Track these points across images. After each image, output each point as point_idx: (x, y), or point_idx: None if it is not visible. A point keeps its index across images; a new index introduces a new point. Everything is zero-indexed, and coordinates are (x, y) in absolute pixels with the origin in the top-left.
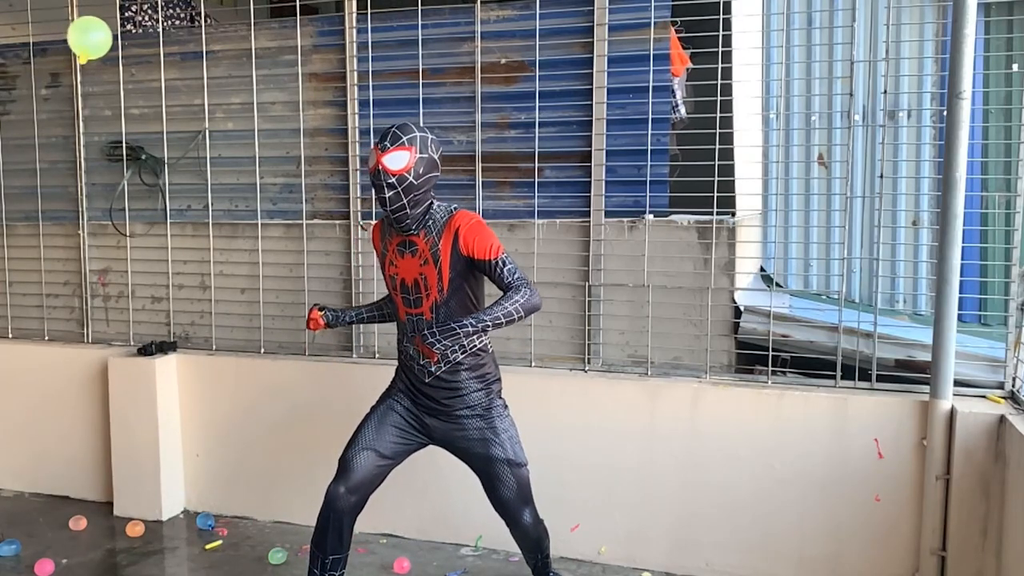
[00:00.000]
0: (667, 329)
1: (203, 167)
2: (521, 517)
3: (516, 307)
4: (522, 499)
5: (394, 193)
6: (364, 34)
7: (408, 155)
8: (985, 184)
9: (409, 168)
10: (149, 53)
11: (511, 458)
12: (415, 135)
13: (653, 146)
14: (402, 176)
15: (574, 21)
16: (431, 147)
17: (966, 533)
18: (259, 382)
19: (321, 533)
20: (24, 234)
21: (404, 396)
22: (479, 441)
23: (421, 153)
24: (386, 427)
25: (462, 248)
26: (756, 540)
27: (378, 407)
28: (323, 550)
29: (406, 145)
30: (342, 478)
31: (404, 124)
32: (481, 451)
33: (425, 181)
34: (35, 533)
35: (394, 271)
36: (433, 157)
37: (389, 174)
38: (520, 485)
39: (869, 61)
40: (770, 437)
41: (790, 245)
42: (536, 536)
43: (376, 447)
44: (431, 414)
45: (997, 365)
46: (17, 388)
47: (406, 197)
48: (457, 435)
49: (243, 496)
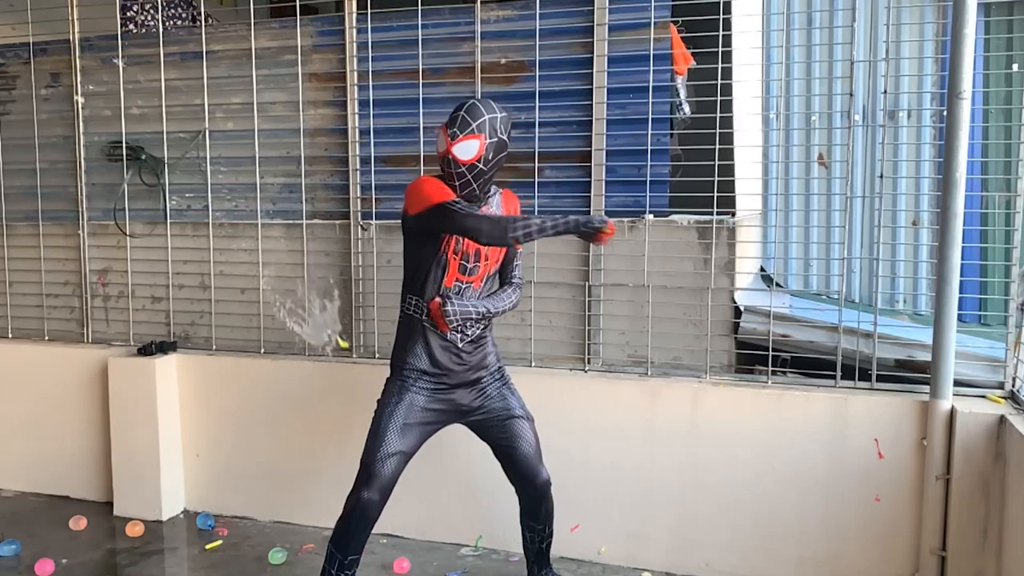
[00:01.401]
0: (667, 329)
1: (203, 167)
2: (539, 473)
3: (511, 304)
4: (539, 455)
5: (464, 181)
6: (364, 34)
7: (478, 143)
8: (985, 184)
9: (479, 156)
10: (149, 53)
11: (527, 414)
12: (484, 119)
13: (653, 146)
14: (472, 165)
15: (574, 21)
16: (500, 128)
17: (966, 533)
18: (259, 382)
19: (346, 537)
20: (24, 234)
21: (426, 380)
22: (499, 399)
23: (490, 138)
24: (411, 427)
25: None
26: (756, 540)
27: (397, 404)
28: (344, 552)
29: (475, 133)
30: (374, 485)
31: (473, 106)
32: (503, 410)
33: (495, 164)
34: (35, 533)
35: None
36: (503, 138)
37: (459, 163)
38: (536, 440)
39: (869, 61)
40: (770, 437)
41: (790, 245)
42: (550, 499)
43: (402, 449)
44: (457, 387)
45: (997, 365)
46: (17, 388)
47: (476, 183)
48: (478, 400)
49: (243, 496)
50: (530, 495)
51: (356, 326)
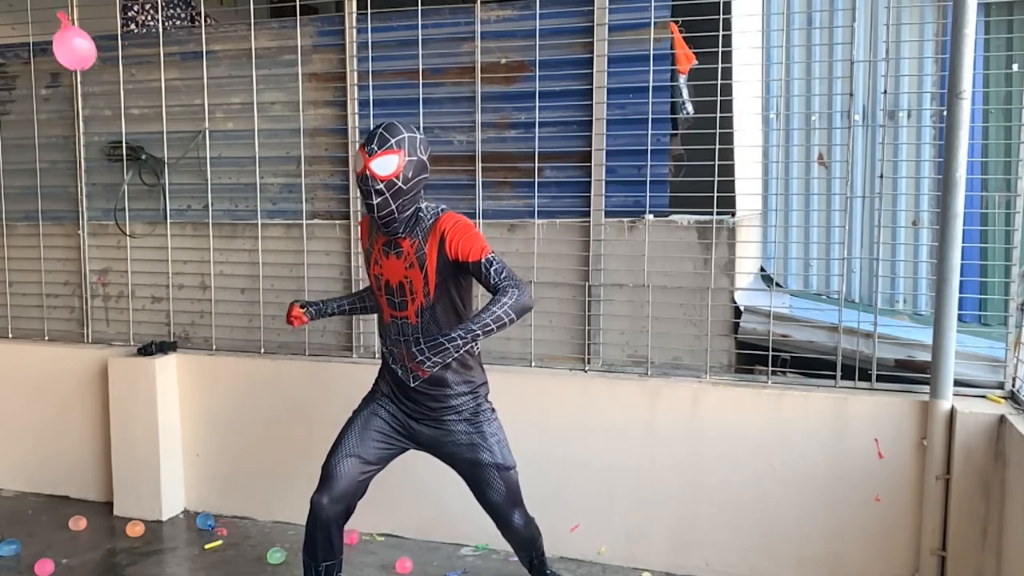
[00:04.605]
0: (667, 329)
1: (203, 167)
2: (512, 519)
3: (505, 310)
4: (512, 502)
5: (382, 199)
6: (364, 34)
7: (396, 159)
8: (985, 184)
9: (398, 173)
10: (149, 53)
11: (499, 463)
12: (403, 136)
13: (653, 146)
14: (391, 181)
15: (574, 21)
16: (420, 148)
17: (966, 533)
18: (259, 382)
19: (311, 542)
20: (24, 234)
21: (388, 400)
22: (467, 446)
23: (410, 156)
24: (369, 432)
25: (448, 251)
26: (756, 540)
27: (361, 412)
28: (315, 558)
29: (394, 148)
30: (325, 487)
31: (391, 124)
32: (469, 456)
33: (414, 185)
34: (35, 533)
35: (379, 271)
36: (422, 159)
37: (377, 180)
38: (509, 488)
39: (869, 61)
40: (770, 437)
41: (790, 245)
42: (528, 535)
43: (360, 453)
44: (417, 419)
45: (997, 365)
46: (17, 388)
47: (395, 203)
48: (444, 440)
49: (243, 496)
50: (504, 534)
51: (356, 326)
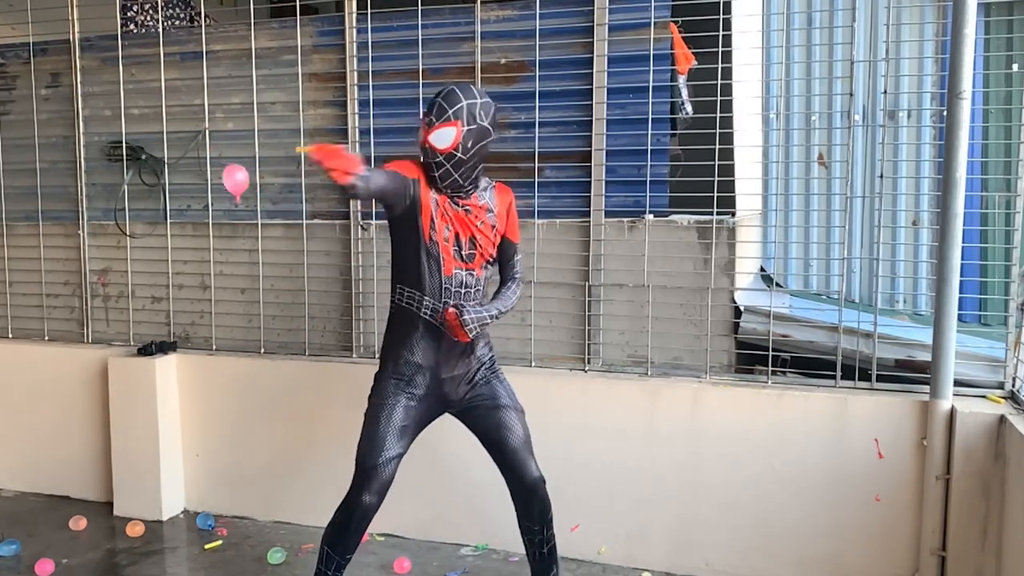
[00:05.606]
0: (667, 329)
1: (203, 167)
2: (530, 467)
3: (516, 300)
4: (529, 448)
5: (443, 171)
6: (364, 34)
7: (454, 131)
8: (985, 184)
9: (456, 144)
10: (149, 53)
11: (516, 405)
12: (462, 105)
13: (653, 146)
14: (451, 154)
15: (574, 21)
16: (479, 114)
17: (966, 533)
18: (259, 382)
19: (345, 538)
20: (24, 234)
21: (420, 376)
22: (487, 387)
23: (469, 124)
24: (407, 428)
25: (507, 222)
26: (756, 540)
27: (395, 407)
28: (341, 553)
29: (451, 120)
30: (374, 489)
31: (451, 91)
32: (490, 401)
33: (476, 152)
34: (35, 533)
35: (448, 220)
36: (483, 125)
37: (436, 152)
38: (526, 432)
39: (869, 61)
40: (770, 437)
41: (790, 245)
42: (542, 499)
43: (401, 452)
44: (449, 379)
45: (997, 365)
46: (17, 388)
47: (456, 172)
48: (468, 390)
49: (243, 496)
50: (520, 493)
51: (356, 326)
